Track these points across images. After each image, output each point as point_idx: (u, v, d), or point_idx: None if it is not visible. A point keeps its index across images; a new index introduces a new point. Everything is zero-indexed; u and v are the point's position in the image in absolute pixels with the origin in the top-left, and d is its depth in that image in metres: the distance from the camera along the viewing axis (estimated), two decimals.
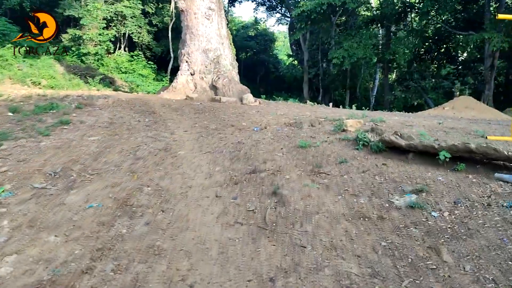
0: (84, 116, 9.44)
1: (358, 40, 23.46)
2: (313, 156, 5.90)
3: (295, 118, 9.89)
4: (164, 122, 9.65)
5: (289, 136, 7.60)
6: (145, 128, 8.77)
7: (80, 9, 26.46)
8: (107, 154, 6.51)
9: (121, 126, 8.83)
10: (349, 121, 7.55)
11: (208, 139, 7.80)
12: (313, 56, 33.01)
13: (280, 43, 58.18)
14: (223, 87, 14.44)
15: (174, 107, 12.05)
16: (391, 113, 13.84)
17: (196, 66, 14.98)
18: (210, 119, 10.08)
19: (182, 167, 5.82)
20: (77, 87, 18.03)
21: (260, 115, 10.80)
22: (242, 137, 7.75)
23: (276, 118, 10.09)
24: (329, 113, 11.42)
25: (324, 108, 13.70)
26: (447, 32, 23.98)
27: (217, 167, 5.74)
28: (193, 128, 9.08)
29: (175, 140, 7.71)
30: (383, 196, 4.06)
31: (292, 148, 6.55)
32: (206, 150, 6.84)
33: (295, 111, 11.99)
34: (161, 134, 8.25)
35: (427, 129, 8.31)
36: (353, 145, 6.17)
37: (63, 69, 21.39)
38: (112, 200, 4.52)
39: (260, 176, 5.11)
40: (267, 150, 6.52)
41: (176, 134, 8.37)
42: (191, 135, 8.25)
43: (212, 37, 15.08)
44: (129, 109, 11.23)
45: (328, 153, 5.97)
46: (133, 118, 9.92)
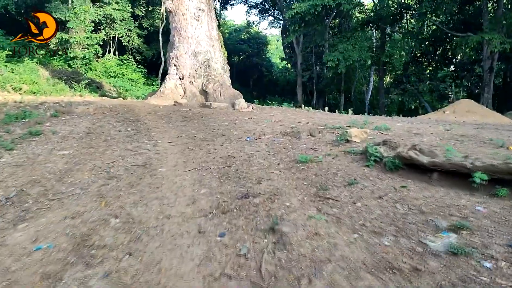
0: (58, 126, 8.43)
1: (354, 42, 22.65)
2: (316, 174, 4.96)
3: (291, 126, 8.98)
4: (148, 132, 8.68)
5: (286, 148, 6.66)
6: (125, 139, 7.78)
7: (67, 12, 25.40)
8: (75, 173, 5.52)
9: (98, 137, 7.84)
10: (353, 131, 6.64)
11: (194, 152, 6.84)
12: (307, 59, 32.20)
13: (273, 46, 57.38)
14: (214, 92, 13.50)
15: (161, 114, 11.07)
16: (391, 119, 12.99)
17: (185, 70, 14.03)
18: (198, 128, 9.13)
19: (161, 189, 4.85)
20: (61, 93, 17.02)
21: (254, 122, 9.87)
22: (233, 150, 6.80)
23: (271, 126, 9.16)
24: (328, 120, 10.52)
25: (321, 114, 12.80)
26: (443, 33, 23.25)
27: (203, 189, 4.78)
28: (179, 138, 8.11)
29: (158, 153, 6.75)
30: (413, 235, 3.12)
31: (291, 163, 5.61)
32: (191, 166, 5.87)
33: (290, 117, 11.08)
34: (143, 146, 7.28)
35: (437, 137, 7.45)
36: (362, 161, 5.24)
37: (48, 74, 20.34)
38: (68, 238, 3.54)
39: (254, 203, 4.16)
40: (262, 167, 5.57)
41: (159, 145, 7.41)
42: (176, 147, 7.28)
43: (202, 39, 14.14)
44: (111, 116, 10.24)
45: (333, 170, 5.03)
46: (114, 127, 8.94)
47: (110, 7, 27.63)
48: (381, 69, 28.23)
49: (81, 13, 25.24)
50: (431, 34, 24.46)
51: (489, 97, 21.03)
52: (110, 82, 24.88)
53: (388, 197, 3.93)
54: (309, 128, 8.21)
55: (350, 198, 4.04)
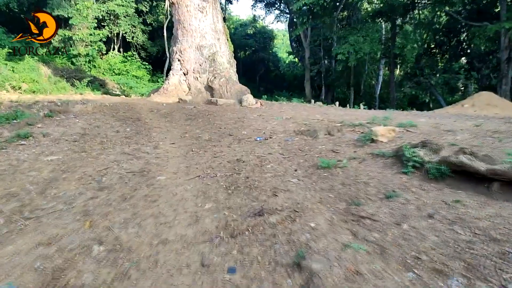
0: (51, 127, 7.68)
1: (365, 34, 21.62)
2: (343, 184, 4.12)
3: (305, 123, 8.13)
4: (149, 132, 7.89)
5: (302, 149, 5.82)
6: (123, 141, 7.00)
7: (69, 9, 24.68)
8: (61, 183, 4.74)
9: (93, 138, 7.06)
10: (379, 129, 5.79)
11: (199, 155, 6.04)
12: (315, 53, 31.18)
13: (279, 41, 56.33)
14: (220, 88, 12.67)
15: (164, 112, 10.28)
16: (410, 113, 12.06)
17: (190, 65, 13.21)
18: (203, 127, 8.32)
19: (158, 204, 4.05)
20: (62, 91, 16.33)
21: (263, 120, 9.04)
22: (242, 152, 5.99)
23: (282, 124, 8.32)
24: (343, 116, 9.66)
25: (334, 109, 11.92)
26: (458, 23, 22.14)
27: (208, 203, 3.97)
28: (182, 139, 7.32)
29: (158, 158, 5.95)
30: (491, 275, 2.28)
31: (310, 169, 4.78)
32: (194, 173, 5.06)
33: (303, 113, 10.23)
34: (142, 149, 6.49)
35: (471, 134, 6.57)
36: (397, 166, 4.39)
37: (50, 72, 19.64)
38: (37, 276, 2.75)
39: (270, 222, 3.34)
40: (276, 173, 4.74)
41: (160, 148, 6.62)
42: (178, 150, 6.48)
43: (207, 32, 13.30)
44: (110, 116, 9.48)
45: (363, 178, 4.19)
46: (112, 127, 8.16)
47: (114, 3, 26.85)
48: (391, 62, 27.16)
49: (84, 9, 24.51)
50: (445, 24, 23.33)
51: (507, 89, 19.94)
52: (114, 80, 24.13)
53: (441, 216, 3.08)
54: (325, 126, 7.37)
55: (392, 217, 3.20)
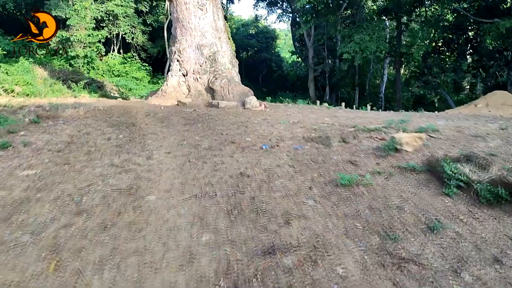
0: (35, 135, 6.93)
1: (371, 32, 20.80)
2: (371, 208, 3.35)
3: (314, 128, 7.36)
4: (143, 139, 7.13)
5: (315, 160, 5.04)
6: (113, 150, 6.24)
7: (67, 9, 24.01)
8: (33, 205, 3.99)
9: (80, 148, 6.31)
10: (403, 136, 5.01)
11: (197, 167, 5.27)
12: (319, 53, 30.40)
13: (281, 41, 55.59)
14: (222, 89, 11.91)
15: (161, 116, 9.53)
16: (425, 115, 11.25)
17: (189, 66, 12.45)
18: (203, 133, 7.55)
19: (145, 234, 3.29)
20: (58, 94, 15.62)
21: (268, 124, 8.27)
22: (247, 163, 5.22)
23: (289, 129, 7.55)
24: (355, 119, 8.88)
25: (343, 112, 11.14)
26: (467, 20, 21.30)
27: (205, 234, 3.20)
28: (179, 147, 6.55)
29: (150, 170, 5.19)
30: None
31: (328, 187, 4.00)
32: (190, 191, 4.30)
33: (310, 116, 9.46)
34: (133, 160, 5.73)
35: (502, 139, 5.83)
36: (434, 185, 3.61)
37: (47, 74, 18.91)
38: None
39: (285, 266, 2.58)
40: (288, 192, 3.97)
41: (154, 158, 5.85)
42: (174, 160, 5.72)
43: (207, 30, 12.54)
44: (103, 121, 8.74)
45: (395, 201, 3.42)
46: (103, 134, 7.41)
47: (113, 3, 26.15)
48: (397, 61, 26.33)
49: (82, 9, 23.82)
50: (453, 21, 22.47)
51: None
52: (113, 82, 23.41)
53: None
54: (338, 131, 6.61)
55: (444, 260, 2.43)
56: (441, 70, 21.03)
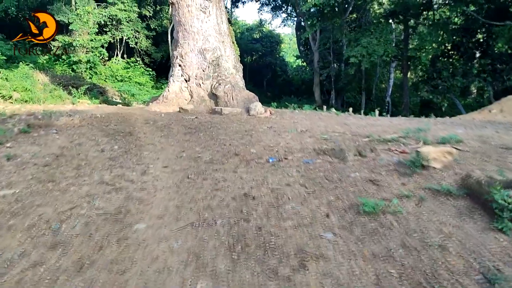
0: (23, 146, 6.35)
1: (378, 36, 20.14)
2: (405, 246, 2.70)
3: (325, 138, 6.73)
4: (139, 151, 6.53)
5: (330, 178, 4.40)
6: (105, 164, 5.64)
7: (70, 14, 23.60)
8: (2, 234, 3.37)
9: (70, 161, 5.71)
10: (430, 151, 4.36)
11: (195, 185, 4.65)
12: (324, 57, 29.74)
13: (285, 45, 55.04)
14: (225, 95, 11.31)
15: (160, 124, 8.94)
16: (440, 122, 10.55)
17: (192, 71, 11.87)
18: (204, 143, 6.94)
19: (128, 277, 2.67)
20: (58, 100, 15.11)
21: (275, 133, 7.64)
22: (252, 181, 4.59)
23: (298, 138, 6.92)
24: (367, 127, 8.24)
25: (354, 118, 10.48)
26: (477, 23, 20.57)
27: (202, 280, 2.57)
28: (178, 160, 5.94)
29: (143, 189, 4.58)
30: None
31: (348, 214, 3.36)
32: (187, 217, 3.67)
33: (319, 124, 8.83)
34: (126, 175, 5.12)
35: None
36: (479, 214, 2.97)
37: (48, 80, 18.43)
38: None
39: None
40: (301, 220, 3.33)
41: (149, 173, 5.24)
42: (171, 176, 5.10)
43: (210, 34, 11.96)
44: (99, 130, 8.16)
45: (434, 237, 2.77)
46: (97, 145, 6.82)
47: (116, 8, 25.73)
48: (404, 65, 25.63)
49: (84, 14, 23.39)
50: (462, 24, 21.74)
51: None
52: (115, 87, 22.90)
53: None
54: (352, 143, 5.98)
55: None
56: (450, 74, 20.33)
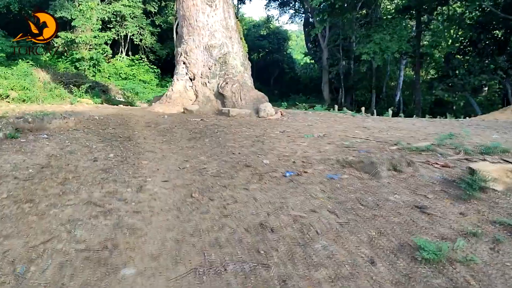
0: (6, 155, 5.59)
1: (392, 32, 19.18)
2: None
3: (347, 146, 5.89)
4: (138, 159, 5.75)
5: (364, 202, 3.56)
6: (96, 178, 4.85)
7: (72, 10, 22.86)
8: None
9: (56, 174, 4.92)
10: (490, 169, 3.51)
11: (200, 208, 3.83)
12: (333, 54, 28.79)
13: (292, 42, 54.05)
14: (233, 95, 10.49)
15: (163, 128, 8.15)
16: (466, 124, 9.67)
17: (197, 69, 11.06)
18: (211, 151, 6.13)
19: None
20: (58, 100, 14.38)
21: (289, 139, 6.82)
22: (268, 204, 3.76)
23: (316, 146, 6.09)
24: (391, 132, 7.39)
25: (373, 121, 9.62)
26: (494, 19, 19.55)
27: None
28: (181, 172, 5.14)
29: (137, 212, 3.77)
30: None
31: (401, 260, 2.53)
32: (188, 258, 2.85)
33: (337, 128, 7.99)
34: (119, 192, 4.33)
35: None
36: None
37: (49, 78, 17.71)
38: None
39: None
40: (339, 270, 2.50)
41: (146, 190, 4.44)
42: (172, 194, 4.30)
43: (217, 29, 11.13)
44: (95, 134, 7.40)
45: None
46: (90, 152, 6.05)
47: (120, 4, 24.98)
48: (417, 62, 24.64)
49: (87, 10, 22.66)
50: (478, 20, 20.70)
51: None
52: (119, 85, 22.17)
53: None
54: (380, 151, 5.13)
55: None
56: (467, 72, 19.33)
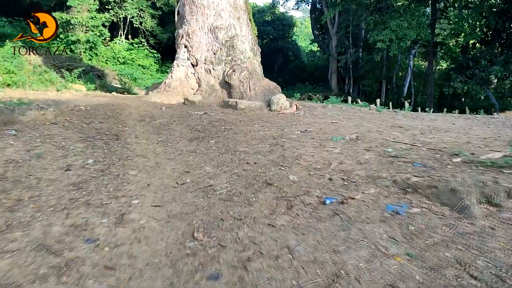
0: None
1: (410, 18, 17.59)
2: None
3: (392, 154, 4.49)
4: (124, 168, 4.35)
5: (474, 271, 2.21)
6: (63, 197, 3.44)
7: None
8: None
9: (8, 192, 3.49)
10: None
11: (205, 266, 2.44)
12: (342, 42, 27.15)
13: (297, 29, 52.15)
14: (241, 84, 9.05)
15: (159, 123, 6.74)
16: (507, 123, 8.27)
17: (200, 53, 9.59)
18: (218, 159, 4.73)
19: None
20: (48, 85, 12.93)
21: (315, 142, 5.41)
22: (314, 266, 2.36)
23: (352, 154, 4.67)
24: (435, 133, 6.00)
25: (406, 119, 8.18)
26: None
27: None
28: (179, 190, 3.73)
29: (109, 269, 2.37)
30: None
31: None
32: None
33: (368, 127, 6.58)
34: (89, 227, 2.92)
35: None
36: None
37: (41, 61, 16.21)
38: None
39: None
40: None
41: (128, 223, 3.02)
42: (164, 233, 2.88)
43: (223, 8, 9.63)
44: (77, 129, 6.00)
45: None
46: (63, 157, 4.64)
47: None
48: (430, 52, 23.04)
49: None
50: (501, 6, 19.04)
51: None
52: (116, 70, 20.62)
53: None
54: (456, 171, 3.74)
55: None
56: (489, 63, 17.79)
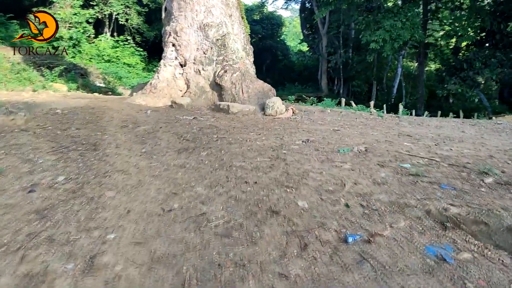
0: None
1: (403, 18, 17.13)
2: None
3: (411, 172, 3.87)
4: (100, 187, 3.62)
5: None
6: (20, 232, 2.67)
7: None
8: None
9: None
10: None
11: None
12: (332, 42, 26.64)
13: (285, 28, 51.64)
14: (233, 86, 8.36)
15: (143, 130, 6.00)
16: None
17: (189, 52, 8.86)
18: (211, 176, 4.01)
19: None
20: (26, 84, 12.05)
21: (320, 154, 4.75)
22: None
23: (366, 171, 4.03)
24: (450, 143, 5.43)
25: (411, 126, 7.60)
26: None
27: None
28: (165, 220, 3.00)
29: None
30: None
31: None
32: None
33: (374, 136, 5.98)
34: (48, 278, 2.22)
35: None
36: None
37: (20, 58, 15.23)
38: None
39: None
40: None
41: (100, 270, 2.27)
42: (145, 284, 2.20)
43: (214, 4, 8.92)
44: (50, 138, 5.24)
45: None
46: (29, 173, 3.89)
47: None
48: (421, 53, 22.70)
49: None
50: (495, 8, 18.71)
51: None
52: (100, 68, 19.67)
53: None
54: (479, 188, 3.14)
55: None
56: (483, 65, 17.48)
